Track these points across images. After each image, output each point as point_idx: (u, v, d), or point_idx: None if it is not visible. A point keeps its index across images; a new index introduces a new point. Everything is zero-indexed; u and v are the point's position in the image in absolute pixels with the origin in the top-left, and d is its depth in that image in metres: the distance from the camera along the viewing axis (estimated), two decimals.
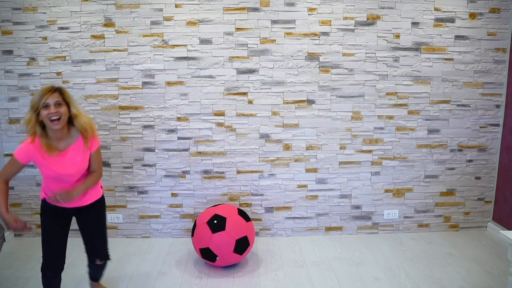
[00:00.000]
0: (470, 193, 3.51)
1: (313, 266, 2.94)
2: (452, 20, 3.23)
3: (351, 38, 3.22)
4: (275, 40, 3.20)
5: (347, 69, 3.26)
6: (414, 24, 3.22)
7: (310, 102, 3.30)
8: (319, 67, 3.25)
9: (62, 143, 2.02)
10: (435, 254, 3.11)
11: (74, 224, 2.25)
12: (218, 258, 2.74)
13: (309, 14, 3.17)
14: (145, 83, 3.23)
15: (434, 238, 3.41)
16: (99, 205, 2.27)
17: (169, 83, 3.23)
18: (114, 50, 3.18)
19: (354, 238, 3.44)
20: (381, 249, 3.22)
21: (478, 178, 3.49)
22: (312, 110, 3.31)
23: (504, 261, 2.97)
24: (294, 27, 3.19)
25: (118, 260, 3.02)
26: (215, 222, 2.76)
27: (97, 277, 2.49)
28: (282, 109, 3.30)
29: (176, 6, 3.13)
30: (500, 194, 3.44)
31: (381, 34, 3.23)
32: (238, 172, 3.38)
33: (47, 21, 3.13)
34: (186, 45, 3.18)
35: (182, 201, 3.41)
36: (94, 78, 3.22)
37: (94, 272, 2.44)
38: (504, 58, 3.31)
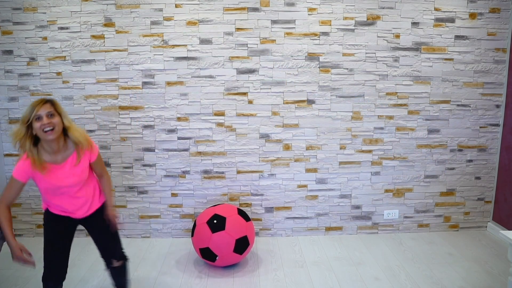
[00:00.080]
0: (470, 193, 3.51)
1: (313, 266, 2.94)
2: (452, 20, 3.23)
3: (351, 38, 3.22)
4: (275, 40, 3.20)
5: (347, 69, 3.26)
6: (414, 24, 3.22)
7: (310, 102, 3.30)
8: (319, 67, 3.25)
9: (59, 156, 1.95)
10: (435, 254, 3.11)
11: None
12: (218, 258, 2.74)
13: (309, 14, 3.17)
14: (145, 83, 3.23)
15: (434, 238, 3.41)
16: (103, 210, 2.20)
17: (169, 83, 3.23)
18: (114, 50, 3.18)
19: (354, 238, 3.44)
20: (381, 249, 3.22)
21: (478, 178, 3.50)
22: (312, 110, 3.31)
23: (504, 261, 2.97)
24: (294, 27, 3.19)
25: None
26: (215, 222, 2.76)
27: (122, 284, 2.31)
28: (282, 109, 3.30)
29: (176, 6, 3.13)
30: (500, 194, 3.44)
31: (381, 34, 3.23)
32: (238, 172, 3.38)
33: (47, 21, 3.13)
34: (186, 45, 3.18)
35: (182, 201, 3.41)
36: (94, 78, 3.22)
37: (117, 277, 2.27)
38: (504, 58, 3.31)
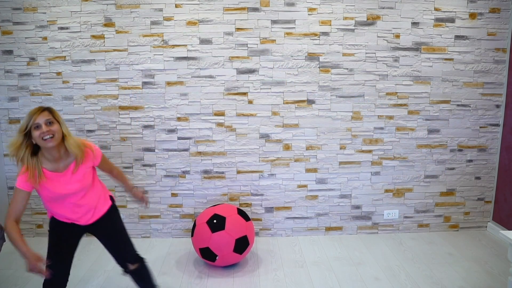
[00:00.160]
0: (470, 193, 3.51)
1: (313, 266, 2.94)
2: (452, 20, 3.23)
3: (351, 38, 3.22)
4: (275, 40, 3.20)
5: (347, 69, 3.26)
6: (414, 24, 3.22)
7: (310, 102, 3.30)
8: (319, 67, 3.25)
9: (61, 164, 1.92)
10: (435, 254, 3.11)
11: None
12: (218, 258, 2.74)
13: (309, 14, 3.17)
14: (145, 83, 3.23)
15: (434, 238, 3.41)
16: (111, 213, 2.16)
17: (169, 83, 3.23)
18: (114, 50, 3.18)
19: (354, 238, 3.44)
20: (381, 249, 3.22)
21: (478, 178, 3.49)
22: (312, 110, 3.31)
23: (504, 261, 2.97)
24: (294, 27, 3.19)
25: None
26: (215, 221, 2.76)
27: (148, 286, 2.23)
28: (282, 109, 3.30)
29: (176, 6, 3.13)
30: (500, 194, 3.44)
31: (381, 34, 3.23)
32: (238, 172, 3.38)
33: (47, 21, 3.13)
34: (186, 45, 3.18)
35: (182, 201, 3.41)
36: (94, 78, 3.22)
37: (140, 282, 2.20)
38: (504, 58, 3.31)
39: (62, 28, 3.14)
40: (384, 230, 3.53)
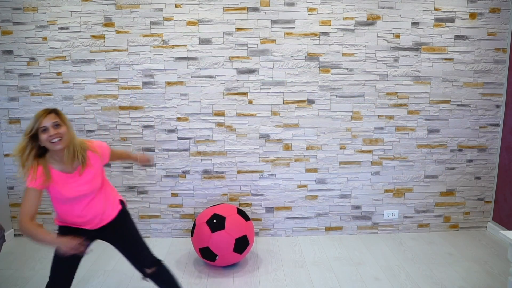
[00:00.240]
0: (470, 193, 3.51)
1: (313, 266, 2.94)
2: (452, 20, 3.23)
3: (351, 38, 3.22)
4: (275, 40, 3.20)
5: (347, 69, 3.26)
6: (414, 24, 3.22)
7: (310, 102, 3.30)
8: (319, 67, 3.25)
9: (69, 165, 1.90)
10: (435, 254, 3.11)
11: None
12: (217, 258, 2.74)
13: (309, 14, 3.17)
14: (145, 83, 3.23)
15: (434, 238, 3.41)
16: (121, 217, 2.11)
17: (169, 83, 3.23)
18: (114, 50, 3.18)
19: (354, 238, 3.44)
20: (381, 249, 3.21)
21: (478, 178, 3.49)
22: (312, 110, 3.31)
23: (504, 261, 2.97)
24: (294, 27, 3.19)
25: (118, 260, 3.02)
26: (214, 221, 2.76)
27: None
28: (282, 109, 3.30)
29: (176, 6, 3.13)
30: (500, 194, 3.44)
31: (381, 34, 3.23)
32: (238, 172, 3.38)
33: (47, 21, 3.13)
34: (186, 45, 3.18)
35: (182, 201, 3.41)
36: (94, 78, 3.22)
37: (161, 284, 2.14)
38: (504, 58, 3.31)
39: (62, 28, 3.14)
40: (384, 230, 3.52)
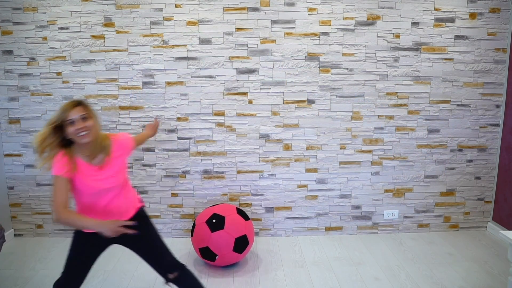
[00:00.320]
0: (470, 193, 3.51)
1: (313, 266, 2.94)
2: (452, 20, 3.23)
3: (351, 38, 3.22)
4: (275, 40, 3.20)
5: (347, 69, 3.26)
6: (414, 24, 3.22)
7: (310, 102, 3.30)
8: (319, 67, 3.25)
9: (96, 158, 1.87)
10: (435, 254, 3.11)
11: None
12: (217, 258, 2.74)
13: (309, 14, 3.17)
14: (145, 83, 3.23)
15: (434, 238, 3.41)
16: (142, 216, 2.05)
17: (169, 83, 3.23)
18: (114, 50, 3.19)
19: (354, 238, 3.44)
20: (381, 249, 3.21)
21: (478, 178, 3.49)
22: (312, 110, 3.31)
23: (504, 261, 2.97)
24: (294, 27, 3.19)
25: (117, 260, 3.02)
26: (214, 221, 2.76)
27: None
28: (282, 109, 3.30)
29: (176, 6, 3.13)
30: (500, 194, 3.44)
31: (381, 34, 3.23)
32: (238, 172, 3.38)
33: (47, 21, 3.13)
34: (186, 45, 3.18)
35: (182, 201, 3.41)
36: (94, 78, 3.22)
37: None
38: (504, 58, 3.31)
39: (62, 28, 3.14)
40: (384, 230, 3.52)
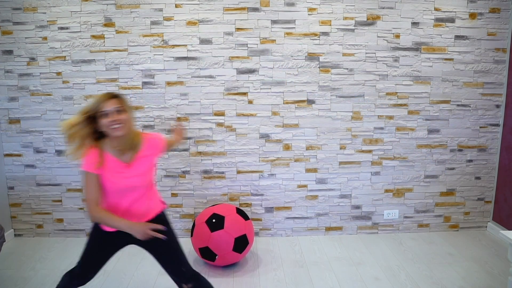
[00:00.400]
0: (470, 193, 3.51)
1: (313, 266, 2.94)
2: (452, 20, 3.23)
3: (351, 38, 3.22)
4: (275, 40, 3.20)
5: (347, 69, 3.26)
6: (414, 24, 3.22)
7: (310, 102, 3.30)
8: (319, 67, 3.25)
9: (127, 154, 1.84)
10: (435, 254, 3.11)
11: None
12: (217, 257, 2.74)
13: (309, 14, 3.17)
14: (145, 83, 3.23)
15: (434, 238, 3.41)
16: (162, 219, 2.02)
17: (169, 83, 3.23)
18: (114, 50, 3.19)
19: (354, 238, 3.44)
20: (381, 249, 3.21)
21: (478, 178, 3.49)
22: (312, 110, 3.31)
23: (504, 261, 2.97)
24: (294, 27, 3.19)
25: (117, 260, 3.02)
26: (214, 221, 2.76)
27: None
28: (282, 109, 3.30)
29: (176, 6, 3.13)
30: (500, 194, 3.44)
31: (381, 34, 3.23)
32: (238, 172, 3.38)
33: (47, 21, 3.13)
34: (186, 45, 3.18)
35: (182, 201, 3.41)
36: (94, 78, 3.22)
37: None
38: (504, 58, 3.31)
39: (62, 28, 3.14)
40: (384, 230, 3.52)
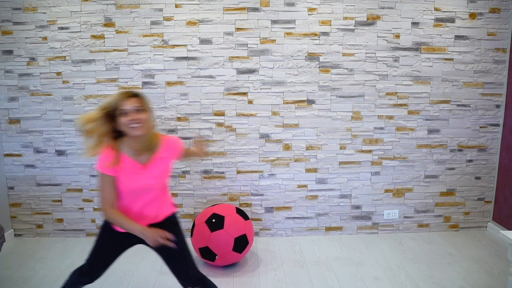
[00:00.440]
0: (470, 193, 3.51)
1: (313, 266, 2.94)
2: (452, 20, 3.23)
3: (351, 38, 3.22)
4: (275, 40, 3.20)
5: (347, 69, 3.26)
6: (414, 24, 3.22)
7: (310, 102, 3.30)
8: (319, 67, 3.25)
9: (144, 155, 1.82)
10: (435, 254, 3.11)
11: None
12: (217, 257, 2.74)
13: (309, 14, 3.17)
14: (145, 83, 3.23)
15: (434, 238, 3.41)
16: (172, 221, 2.01)
17: (169, 83, 3.24)
18: (114, 50, 3.19)
19: (354, 238, 3.44)
20: (381, 249, 3.21)
21: (478, 178, 3.49)
22: (312, 110, 3.31)
23: (504, 261, 2.97)
24: (294, 27, 3.19)
25: (118, 260, 3.01)
26: (214, 221, 2.76)
27: None
28: (282, 109, 3.30)
29: (176, 6, 3.13)
30: (500, 194, 3.44)
31: (381, 34, 3.23)
32: (238, 172, 3.38)
33: (47, 21, 3.13)
34: (186, 45, 3.18)
35: (182, 201, 3.41)
36: (94, 78, 3.22)
37: None
38: (504, 58, 3.31)
39: (62, 28, 3.14)
40: (384, 230, 3.52)
